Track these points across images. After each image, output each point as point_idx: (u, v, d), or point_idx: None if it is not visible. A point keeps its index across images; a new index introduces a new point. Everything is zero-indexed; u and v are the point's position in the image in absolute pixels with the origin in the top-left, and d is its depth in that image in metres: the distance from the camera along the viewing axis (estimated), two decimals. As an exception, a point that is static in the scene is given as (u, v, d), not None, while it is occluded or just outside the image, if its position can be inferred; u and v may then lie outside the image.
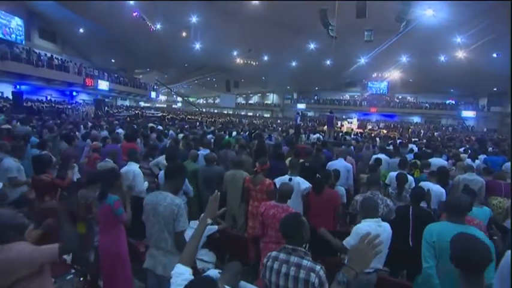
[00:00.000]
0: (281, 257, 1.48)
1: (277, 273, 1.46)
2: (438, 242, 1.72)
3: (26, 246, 1.45)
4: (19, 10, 20.31)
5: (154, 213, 1.83)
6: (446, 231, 1.69)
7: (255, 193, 2.97)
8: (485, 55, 18.76)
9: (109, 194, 2.10)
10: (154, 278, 1.89)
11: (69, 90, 23.42)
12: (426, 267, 1.74)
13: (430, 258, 1.73)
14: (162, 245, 1.83)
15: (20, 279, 1.43)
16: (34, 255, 1.46)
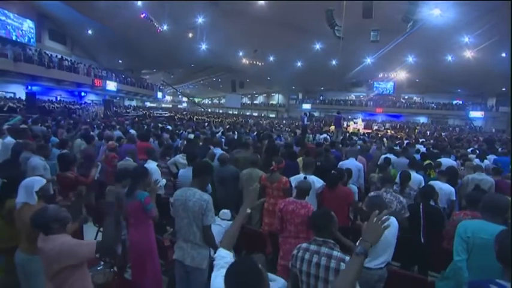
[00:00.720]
0: (312, 248, 1.60)
1: (309, 263, 1.58)
2: (472, 238, 1.77)
3: (69, 239, 1.60)
4: (30, 12, 20.77)
5: (183, 208, 1.97)
6: (482, 229, 1.76)
7: (271, 190, 3.10)
8: (493, 55, 18.59)
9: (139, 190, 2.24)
10: (182, 269, 2.03)
11: (78, 91, 23.82)
12: (457, 261, 1.79)
13: (463, 252, 1.78)
14: (190, 238, 1.97)
15: (62, 269, 1.58)
16: (75, 249, 1.60)
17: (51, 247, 1.54)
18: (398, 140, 10.66)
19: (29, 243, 2.01)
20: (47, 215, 1.58)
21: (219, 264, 1.27)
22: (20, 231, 2.05)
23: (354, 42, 19.61)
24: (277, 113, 37.74)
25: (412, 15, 15.41)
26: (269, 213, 3.15)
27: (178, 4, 19.47)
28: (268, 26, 21.09)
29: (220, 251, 1.35)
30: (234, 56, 26.87)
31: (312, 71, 27.66)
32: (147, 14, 20.34)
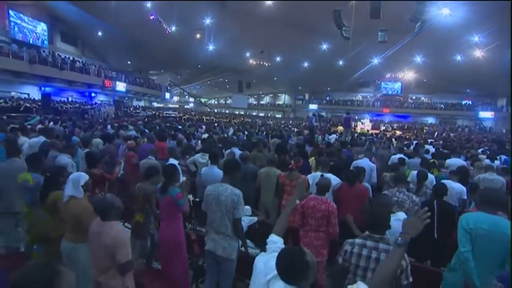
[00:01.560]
0: (369, 244, 1.71)
1: (367, 258, 1.69)
2: (475, 229, 1.90)
3: (123, 229, 1.79)
4: (43, 15, 21.34)
5: (216, 202, 2.14)
6: (482, 220, 1.91)
7: (290, 188, 3.25)
8: (504, 54, 18.35)
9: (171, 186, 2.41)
10: (212, 259, 2.20)
11: (88, 92, 24.33)
12: (463, 251, 1.90)
13: (467, 243, 1.90)
14: (222, 230, 2.14)
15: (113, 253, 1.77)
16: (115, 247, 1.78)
17: (108, 231, 1.74)
18: (407, 141, 10.69)
19: (74, 233, 2.20)
20: (107, 202, 1.78)
21: (272, 248, 1.44)
22: (66, 222, 2.24)
23: (361, 42, 19.61)
24: (284, 113, 37.83)
25: (420, 15, 15.34)
26: (287, 210, 3.30)
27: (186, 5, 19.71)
28: (275, 27, 21.22)
29: (273, 237, 1.53)
30: (241, 57, 27.07)
31: (318, 72, 27.69)
32: (156, 16, 20.69)
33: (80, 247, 2.17)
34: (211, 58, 27.49)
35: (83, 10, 20.41)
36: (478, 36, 17.96)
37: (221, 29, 22.46)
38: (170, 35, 22.72)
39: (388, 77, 29.75)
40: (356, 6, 15.57)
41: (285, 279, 1.19)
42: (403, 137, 13.12)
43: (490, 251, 1.87)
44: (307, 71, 28.08)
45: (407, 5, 15.44)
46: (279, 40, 22.90)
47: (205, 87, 42.83)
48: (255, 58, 27.23)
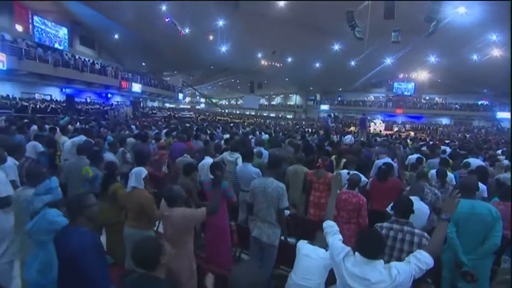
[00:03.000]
0: (395, 227, 2.00)
1: (393, 239, 1.99)
2: (456, 214, 2.14)
3: (186, 209, 2.10)
4: (64, 20, 22.26)
5: (263, 194, 2.42)
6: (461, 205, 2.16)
7: (317, 185, 3.50)
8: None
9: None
10: (257, 245, 2.48)
11: (105, 93, 25.16)
12: (448, 232, 2.19)
13: (451, 225, 2.24)
14: (268, 219, 2.42)
15: (183, 231, 2.07)
16: (194, 213, 2.11)
17: (175, 214, 2.05)
18: (422, 141, 10.72)
19: (137, 220, 2.52)
20: (175, 192, 2.09)
21: (332, 231, 1.76)
22: (129, 210, 2.56)
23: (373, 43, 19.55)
24: (295, 114, 37.88)
25: (435, 14, 15.19)
26: (314, 205, 3.55)
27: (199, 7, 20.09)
28: (287, 27, 21.37)
29: (328, 223, 1.85)
30: (253, 58, 27.35)
31: (330, 72, 27.68)
32: (171, 18, 21.23)
33: (141, 233, 2.47)
34: (224, 59, 27.87)
35: (101, 14, 21.14)
36: (495, 35, 17.61)
37: (233, 30, 22.79)
38: (184, 36, 23.26)
39: (401, 77, 29.44)
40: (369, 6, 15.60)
41: (367, 255, 1.49)
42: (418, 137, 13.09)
43: (471, 230, 2.27)
44: (318, 71, 28.11)
45: (420, 5, 15.36)
46: (291, 41, 23.04)
47: (216, 88, 43.34)
48: (266, 59, 27.48)
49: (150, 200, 2.43)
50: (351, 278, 1.50)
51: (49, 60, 16.16)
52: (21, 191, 2.38)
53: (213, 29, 22.81)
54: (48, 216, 1.85)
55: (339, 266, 1.58)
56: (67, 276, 1.64)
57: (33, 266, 1.90)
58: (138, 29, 22.93)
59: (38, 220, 1.84)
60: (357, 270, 1.50)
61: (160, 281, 1.34)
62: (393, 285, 1.43)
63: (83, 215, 1.72)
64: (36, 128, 6.63)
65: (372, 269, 1.48)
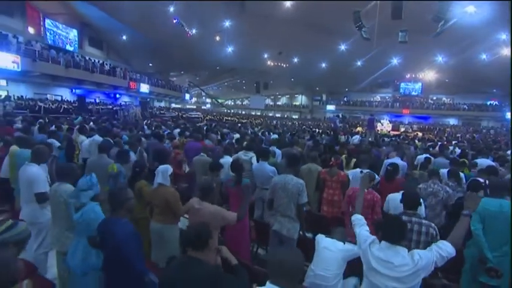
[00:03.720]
0: (404, 218, 2.08)
1: None
2: (483, 211, 2.31)
3: (217, 208, 2.24)
4: (74, 22, 22.71)
5: (283, 190, 2.56)
6: (489, 203, 2.36)
7: (330, 183, 3.62)
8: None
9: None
10: (277, 238, 2.62)
11: (113, 93, 25.58)
12: (474, 229, 2.30)
13: (477, 222, 2.32)
14: (288, 213, 2.56)
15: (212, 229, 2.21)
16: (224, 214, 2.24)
17: (206, 209, 2.19)
18: (430, 142, 10.73)
19: (163, 215, 2.67)
20: (209, 186, 2.24)
21: (360, 223, 1.94)
22: (156, 205, 2.72)
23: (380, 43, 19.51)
24: (300, 114, 37.92)
25: (443, 14, 15.11)
26: (328, 203, 3.67)
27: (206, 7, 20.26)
28: (293, 28, 21.47)
29: (356, 216, 2.02)
30: (259, 58, 27.50)
31: (336, 72, 27.70)
32: (178, 19, 21.48)
33: (167, 227, 2.64)
34: (230, 59, 28.09)
35: (109, 15, 21.50)
36: (505, 34, 17.42)
37: (240, 31, 22.97)
38: (191, 37, 23.50)
39: (408, 78, 29.28)
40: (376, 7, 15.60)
41: (391, 239, 1.66)
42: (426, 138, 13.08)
43: (498, 228, 2.31)
44: (324, 71, 28.14)
45: (427, 5, 15.30)
46: (297, 41, 23.14)
47: (222, 88, 43.60)
48: (272, 59, 27.61)
49: (176, 196, 2.59)
50: (376, 261, 1.65)
51: (61, 61, 16.55)
52: (57, 186, 2.56)
53: (219, 29, 23.01)
54: (95, 209, 2.04)
55: (365, 252, 1.73)
56: (112, 264, 1.80)
57: (76, 254, 2.07)
58: (146, 30, 23.23)
59: (85, 212, 2.02)
60: (382, 254, 1.65)
61: (205, 263, 1.48)
62: (415, 269, 1.56)
63: (123, 207, 1.88)
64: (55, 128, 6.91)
65: (395, 253, 1.62)
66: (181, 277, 1.41)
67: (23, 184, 2.90)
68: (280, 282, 1.20)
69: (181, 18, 21.36)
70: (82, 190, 2.05)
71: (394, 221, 1.75)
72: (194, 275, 1.41)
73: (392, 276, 1.59)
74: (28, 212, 2.86)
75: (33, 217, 2.83)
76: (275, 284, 1.20)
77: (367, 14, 16.48)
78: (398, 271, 1.58)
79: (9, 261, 1.14)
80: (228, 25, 22.51)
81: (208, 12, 21.12)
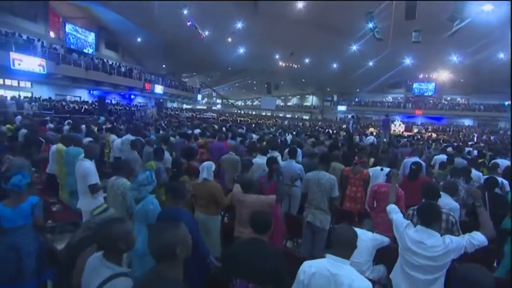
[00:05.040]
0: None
1: None
2: None
3: (259, 195, 2.52)
4: (92, 25, 23.54)
5: (317, 185, 2.82)
6: None
7: (354, 180, 3.84)
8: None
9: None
10: (310, 229, 2.87)
11: (128, 94, 26.35)
12: None
13: None
14: (321, 206, 2.81)
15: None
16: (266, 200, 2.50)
17: (249, 199, 2.48)
18: (445, 143, 10.73)
19: (207, 207, 2.96)
20: (251, 180, 2.52)
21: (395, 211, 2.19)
22: (201, 198, 3.00)
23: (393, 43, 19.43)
24: (311, 115, 37.91)
25: (459, 13, 14.95)
26: (350, 199, 3.89)
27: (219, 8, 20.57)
28: (305, 29, 21.59)
29: (391, 205, 2.26)
30: (270, 59, 27.73)
31: (347, 73, 27.66)
32: (193, 22, 21.93)
33: (210, 219, 2.93)
34: (242, 60, 28.44)
35: (125, 18, 22.15)
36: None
37: (252, 32, 23.24)
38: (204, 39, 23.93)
39: (421, 78, 28.93)
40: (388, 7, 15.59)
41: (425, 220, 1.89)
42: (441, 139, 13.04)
43: None
44: (336, 72, 28.14)
45: (441, 4, 15.19)
46: (308, 42, 23.24)
47: (233, 89, 44.01)
48: (284, 60, 27.80)
49: (220, 189, 2.88)
50: (411, 242, 1.88)
51: (81, 64, 17.25)
52: (114, 180, 2.89)
53: (232, 31, 23.32)
54: (153, 202, 2.34)
55: (402, 234, 1.96)
56: None
57: (139, 239, 2.38)
58: (160, 32, 23.77)
59: (145, 204, 2.33)
60: (416, 236, 1.88)
61: (267, 243, 1.75)
62: (446, 250, 1.79)
63: (184, 198, 2.17)
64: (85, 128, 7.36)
65: (429, 236, 1.85)
66: (248, 254, 1.67)
67: (79, 178, 3.25)
68: (339, 252, 1.45)
69: (195, 20, 21.82)
70: (142, 185, 2.36)
71: (429, 206, 1.97)
72: (261, 253, 1.66)
73: (424, 255, 1.83)
74: (84, 201, 3.22)
75: (88, 206, 3.17)
76: (334, 254, 1.45)
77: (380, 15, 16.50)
78: (430, 251, 1.81)
79: (129, 231, 1.43)
80: (240, 26, 22.81)
81: (221, 13, 21.48)
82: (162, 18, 21.41)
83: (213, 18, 22.28)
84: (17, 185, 2.16)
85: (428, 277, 1.83)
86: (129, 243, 1.41)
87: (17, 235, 2.30)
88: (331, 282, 1.37)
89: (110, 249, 1.37)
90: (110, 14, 21.61)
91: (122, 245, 1.37)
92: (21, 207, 2.24)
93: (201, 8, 20.78)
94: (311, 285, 1.41)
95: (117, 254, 1.40)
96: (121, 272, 1.34)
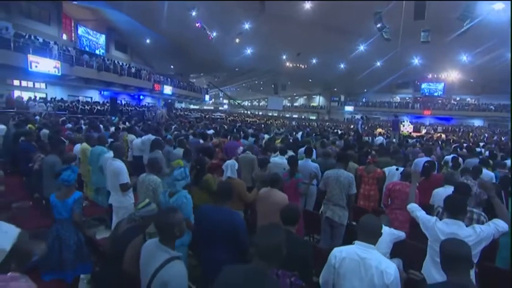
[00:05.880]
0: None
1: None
2: None
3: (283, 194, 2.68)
4: (102, 27, 24.03)
5: (336, 182, 2.98)
6: None
7: (367, 179, 3.98)
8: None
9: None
10: (328, 225, 3.02)
11: (137, 94, 26.77)
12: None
13: None
14: (340, 203, 2.97)
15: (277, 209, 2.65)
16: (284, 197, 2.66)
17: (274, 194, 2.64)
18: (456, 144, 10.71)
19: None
20: (278, 176, 2.69)
21: (417, 209, 2.32)
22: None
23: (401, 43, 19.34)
24: (318, 115, 37.91)
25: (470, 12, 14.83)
26: (364, 197, 4.03)
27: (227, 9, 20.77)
28: (312, 29, 21.64)
29: (412, 204, 2.41)
30: (278, 59, 27.83)
31: (354, 73, 27.59)
32: (201, 23, 22.18)
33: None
34: (249, 61, 28.62)
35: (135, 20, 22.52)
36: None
37: (259, 33, 23.37)
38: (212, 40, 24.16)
39: (429, 78, 28.68)
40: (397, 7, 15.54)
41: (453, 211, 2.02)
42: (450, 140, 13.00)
43: None
44: (343, 72, 28.11)
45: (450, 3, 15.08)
46: (316, 42, 23.29)
47: (239, 89, 44.26)
48: (291, 60, 27.89)
49: (244, 186, 3.05)
50: (443, 235, 1.97)
51: (93, 65, 17.68)
52: (145, 176, 3.09)
53: (239, 31, 23.50)
54: (186, 196, 2.53)
55: (431, 229, 2.08)
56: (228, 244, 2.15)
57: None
58: (168, 34, 24.07)
59: (178, 198, 2.51)
60: (447, 228, 2.00)
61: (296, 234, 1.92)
62: (478, 239, 1.91)
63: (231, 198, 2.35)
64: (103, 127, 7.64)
65: (459, 227, 1.98)
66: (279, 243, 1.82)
67: (111, 175, 3.46)
68: (366, 239, 1.61)
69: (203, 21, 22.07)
70: (177, 180, 2.55)
71: (456, 199, 2.11)
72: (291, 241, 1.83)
73: None
74: (115, 198, 3.43)
75: (119, 202, 3.40)
76: (362, 241, 1.62)
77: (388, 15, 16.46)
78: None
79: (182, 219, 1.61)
80: (248, 27, 22.97)
81: (228, 14, 21.68)
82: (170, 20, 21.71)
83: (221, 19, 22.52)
84: (66, 180, 2.37)
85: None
86: (182, 230, 1.60)
87: (62, 227, 2.50)
88: (361, 265, 1.53)
89: (166, 235, 1.55)
90: (120, 15, 22.01)
91: (177, 232, 1.55)
92: (67, 201, 2.44)
93: (209, 9, 21.00)
94: (342, 268, 1.57)
95: (172, 240, 1.58)
96: (176, 255, 1.53)
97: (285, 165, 3.76)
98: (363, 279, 1.51)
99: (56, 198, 2.42)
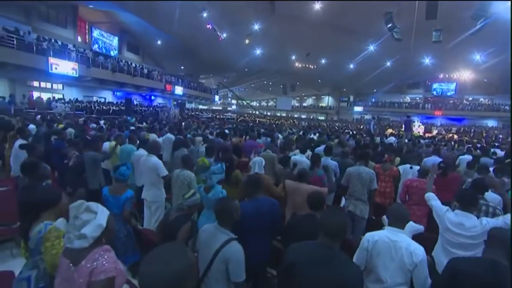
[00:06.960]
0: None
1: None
2: None
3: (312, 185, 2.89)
4: (115, 29, 24.62)
5: (358, 178, 3.19)
6: None
7: (383, 176, 4.15)
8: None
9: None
10: (350, 218, 3.21)
11: (149, 95, 27.33)
12: None
13: None
14: (361, 197, 3.18)
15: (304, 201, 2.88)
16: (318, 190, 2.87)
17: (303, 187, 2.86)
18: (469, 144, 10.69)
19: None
20: (306, 171, 2.92)
21: (433, 198, 2.49)
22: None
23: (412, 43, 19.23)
24: (327, 116, 37.84)
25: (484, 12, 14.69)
26: (380, 194, 4.20)
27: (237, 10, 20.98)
28: (321, 30, 21.67)
29: (429, 193, 2.57)
30: (287, 60, 27.97)
31: (364, 73, 27.50)
32: (212, 24, 22.50)
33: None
34: (258, 61, 28.84)
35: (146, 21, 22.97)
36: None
37: (269, 34, 23.54)
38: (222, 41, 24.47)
39: (441, 78, 28.32)
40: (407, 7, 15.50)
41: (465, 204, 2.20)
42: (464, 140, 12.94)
43: None
44: (352, 72, 28.04)
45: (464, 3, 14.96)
46: (325, 42, 23.31)
47: (248, 90, 44.50)
48: (300, 61, 27.98)
49: (271, 182, 3.28)
50: (451, 224, 2.20)
51: (108, 66, 18.22)
52: (179, 172, 3.36)
53: (249, 32, 23.72)
54: (222, 191, 2.77)
55: (442, 218, 2.28)
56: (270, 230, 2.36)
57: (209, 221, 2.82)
58: (179, 35, 24.46)
59: (215, 193, 2.76)
60: (456, 218, 2.20)
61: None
62: (483, 230, 2.09)
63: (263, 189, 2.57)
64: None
65: (467, 218, 2.17)
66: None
67: (147, 171, 3.72)
68: (396, 225, 1.82)
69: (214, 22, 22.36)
70: (214, 173, 2.80)
71: (468, 193, 2.31)
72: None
73: (464, 234, 2.15)
74: (150, 193, 3.70)
75: (154, 196, 3.67)
76: (392, 226, 1.83)
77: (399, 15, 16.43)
78: (469, 231, 2.13)
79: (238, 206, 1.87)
80: (257, 28, 23.17)
81: (238, 15, 21.92)
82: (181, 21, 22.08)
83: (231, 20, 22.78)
84: (122, 175, 2.63)
85: (468, 253, 2.14)
86: (238, 215, 1.86)
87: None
88: (391, 247, 1.74)
89: (226, 219, 1.80)
90: (132, 18, 22.54)
91: (235, 216, 1.80)
92: (119, 198, 2.66)
93: (219, 10, 21.29)
94: (375, 250, 1.78)
95: (230, 223, 1.83)
96: (234, 237, 1.78)
97: (304, 163, 3.97)
98: (393, 258, 1.72)
99: (109, 193, 2.67)
